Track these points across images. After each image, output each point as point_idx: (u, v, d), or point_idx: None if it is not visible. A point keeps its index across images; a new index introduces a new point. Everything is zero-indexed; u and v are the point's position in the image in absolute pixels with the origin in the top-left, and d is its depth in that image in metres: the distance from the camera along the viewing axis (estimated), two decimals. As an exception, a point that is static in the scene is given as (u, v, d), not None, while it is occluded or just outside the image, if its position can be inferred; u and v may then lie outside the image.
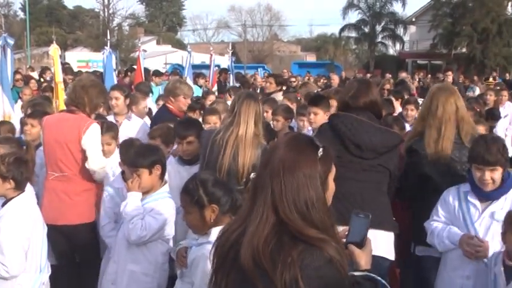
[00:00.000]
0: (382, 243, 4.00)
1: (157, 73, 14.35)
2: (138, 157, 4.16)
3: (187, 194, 3.30)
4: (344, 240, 2.28)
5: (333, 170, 2.22)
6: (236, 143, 4.45)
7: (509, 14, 41.24)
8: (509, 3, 41.23)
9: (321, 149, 2.14)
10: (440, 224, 4.03)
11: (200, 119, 6.85)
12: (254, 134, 4.51)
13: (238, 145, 4.45)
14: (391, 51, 52.41)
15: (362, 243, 2.30)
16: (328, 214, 2.09)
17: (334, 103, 6.08)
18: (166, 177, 4.35)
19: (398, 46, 51.49)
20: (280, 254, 1.99)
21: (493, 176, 3.74)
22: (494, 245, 3.75)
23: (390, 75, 18.87)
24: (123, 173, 4.64)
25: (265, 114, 6.20)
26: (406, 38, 50.83)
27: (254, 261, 2.01)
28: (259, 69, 29.75)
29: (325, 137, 4.18)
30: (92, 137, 5.06)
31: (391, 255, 4.15)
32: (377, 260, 3.94)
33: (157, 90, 12.61)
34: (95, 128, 5.09)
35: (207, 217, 3.25)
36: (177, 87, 6.66)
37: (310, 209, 2.03)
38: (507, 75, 27.24)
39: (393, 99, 8.39)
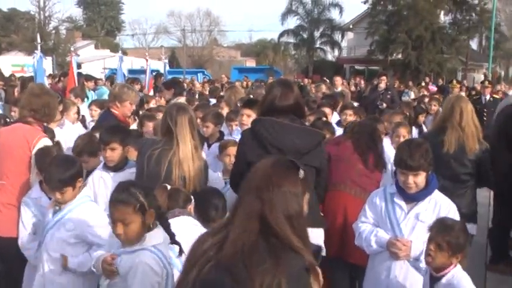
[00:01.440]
0: (313, 240, 4.04)
1: (88, 78, 14.03)
2: (61, 178, 3.95)
3: (128, 204, 3.10)
4: None
5: (308, 194, 2.41)
6: (179, 162, 4.36)
7: (442, 23, 42.61)
8: (441, 12, 42.58)
9: (301, 171, 2.35)
10: (368, 226, 4.12)
11: (134, 125, 6.77)
12: (194, 147, 4.47)
13: (182, 164, 4.36)
14: (329, 57, 53.25)
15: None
16: (306, 228, 2.34)
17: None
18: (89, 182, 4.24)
19: (336, 52, 52.35)
20: (268, 257, 2.18)
21: (416, 180, 3.87)
22: (419, 244, 3.86)
23: (328, 80, 19.16)
24: (41, 182, 4.50)
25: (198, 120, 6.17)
26: (344, 44, 51.80)
27: (235, 260, 2.16)
28: (198, 74, 29.68)
29: (247, 143, 4.22)
30: None
31: (322, 251, 4.21)
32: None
33: (91, 95, 12.38)
34: (44, 142, 4.95)
35: (148, 223, 3.16)
36: (124, 93, 6.51)
37: (295, 221, 2.26)
38: (440, 80, 28.04)
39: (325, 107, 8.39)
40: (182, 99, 8.31)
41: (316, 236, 4.16)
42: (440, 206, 3.95)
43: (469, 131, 5.41)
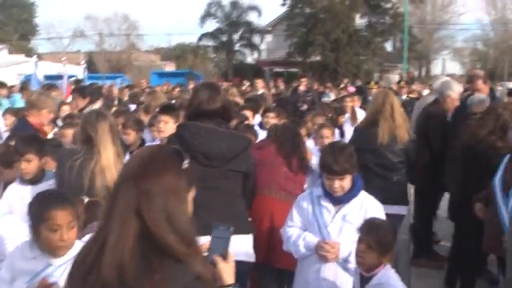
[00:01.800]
0: (242, 247, 4.03)
1: (1, 84, 13.41)
2: None
3: (70, 209, 3.00)
4: (206, 254, 2.19)
5: (194, 189, 2.12)
6: (102, 171, 4.21)
7: (357, 26, 43.67)
8: (357, 16, 43.64)
9: (186, 162, 2.05)
10: (295, 231, 4.10)
11: (52, 133, 6.49)
12: (116, 154, 4.33)
13: (104, 173, 4.21)
14: (249, 60, 53.47)
15: (224, 256, 2.23)
16: (193, 228, 1.98)
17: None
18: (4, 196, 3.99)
19: (256, 54, 52.68)
20: (147, 270, 1.85)
21: (342, 183, 3.88)
22: (347, 246, 3.88)
23: (249, 83, 19.20)
24: None
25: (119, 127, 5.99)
26: (263, 47, 52.10)
27: (119, 278, 1.84)
28: (117, 80, 29.07)
29: None
30: None
31: (251, 257, 4.19)
32: (238, 265, 3.95)
33: (5, 103, 11.84)
34: None
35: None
36: (42, 101, 6.24)
37: (177, 219, 1.92)
38: (358, 81, 28.65)
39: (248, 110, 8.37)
40: (97, 106, 8.06)
41: (245, 242, 4.13)
42: (367, 206, 3.98)
43: (399, 122, 5.75)
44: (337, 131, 8.85)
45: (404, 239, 5.50)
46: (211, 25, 50.85)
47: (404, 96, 14.06)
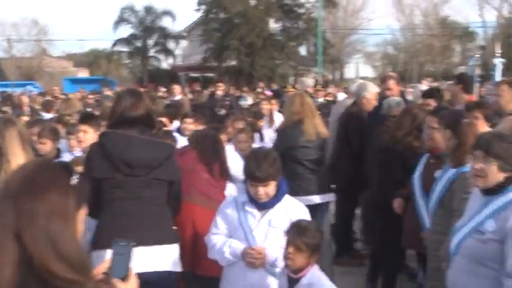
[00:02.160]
0: (168, 257, 3.98)
1: None
2: None
3: None
4: (105, 275, 1.96)
5: (84, 209, 1.91)
6: None
7: (272, 30, 44.22)
8: (271, 21, 44.18)
9: (74, 178, 1.86)
10: (221, 238, 4.05)
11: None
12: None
13: None
14: (164, 65, 52.98)
15: (126, 276, 1.98)
16: (81, 251, 1.79)
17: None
18: None
19: (171, 60, 52.28)
20: None
21: (267, 190, 3.86)
22: (274, 251, 3.87)
23: (165, 89, 18.99)
24: None
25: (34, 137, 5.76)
26: (178, 52, 51.81)
27: None
28: (28, 87, 28.06)
29: (94, 158, 3.97)
30: None
31: (178, 267, 4.11)
32: (164, 276, 3.89)
33: None
34: None
35: None
36: None
37: (62, 243, 1.71)
38: (273, 85, 28.96)
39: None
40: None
41: (171, 252, 4.05)
42: (292, 210, 3.98)
43: (319, 119, 6.38)
44: (257, 135, 8.92)
45: (326, 239, 5.60)
46: (125, 30, 50.08)
47: (321, 99, 14.32)
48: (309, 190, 6.12)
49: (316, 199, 6.18)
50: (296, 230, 3.57)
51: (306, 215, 3.99)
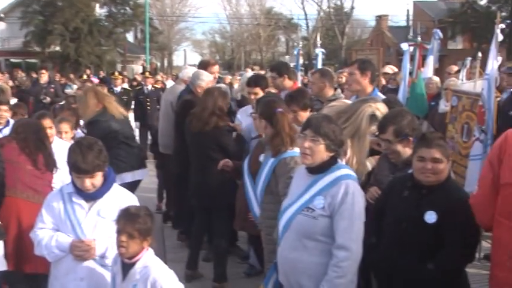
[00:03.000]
0: None
1: None
2: None
3: None
4: None
5: None
6: None
7: (98, 15, 43.01)
8: (97, 5, 42.94)
9: None
10: (47, 232, 3.87)
11: None
12: None
13: None
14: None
15: None
16: None
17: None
18: None
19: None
20: None
21: (93, 181, 3.75)
22: (103, 242, 3.79)
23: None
24: None
25: None
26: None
27: None
28: None
29: None
30: None
31: (2, 265, 4.04)
32: None
33: None
34: None
35: None
36: None
37: None
38: (101, 72, 28.22)
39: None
40: None
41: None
42: (120, 198, 3.89)
43: (115, 102, 6.76)
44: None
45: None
46: None
47: (149, 87, 14.20)
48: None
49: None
50: (127, 218, 3.49)
51: (135, 202, 3.92)
